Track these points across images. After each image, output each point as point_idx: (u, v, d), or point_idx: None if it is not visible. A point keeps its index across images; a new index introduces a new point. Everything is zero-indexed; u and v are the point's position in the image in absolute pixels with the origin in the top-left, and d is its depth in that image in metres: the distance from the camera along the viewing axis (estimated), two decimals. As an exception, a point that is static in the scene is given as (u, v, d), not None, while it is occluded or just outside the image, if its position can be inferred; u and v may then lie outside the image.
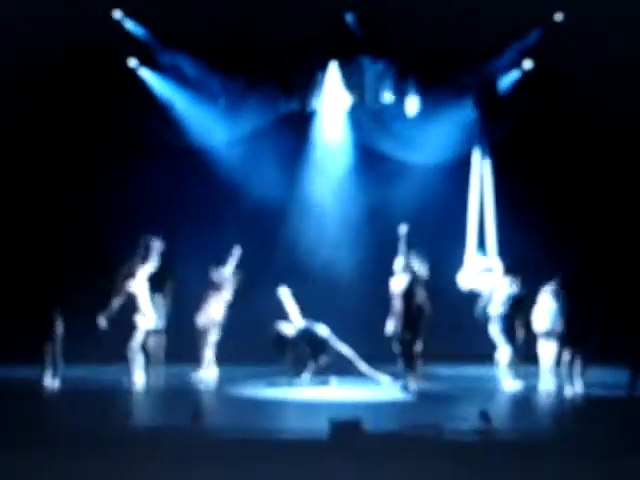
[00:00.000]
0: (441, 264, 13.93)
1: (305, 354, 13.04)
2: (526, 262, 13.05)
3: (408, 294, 12.32)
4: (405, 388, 12.18)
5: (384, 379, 12.91)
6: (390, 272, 12.61)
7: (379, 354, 13.13)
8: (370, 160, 15.82)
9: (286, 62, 15.07)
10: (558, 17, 14.57)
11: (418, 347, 13.03)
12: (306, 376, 12.84)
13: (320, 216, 15.89)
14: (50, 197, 15.64)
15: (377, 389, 12.38)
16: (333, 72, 15.39)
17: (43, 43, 13.79)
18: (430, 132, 15.32)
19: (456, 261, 14.01)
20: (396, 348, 12.47)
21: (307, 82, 15.39)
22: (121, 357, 12.98)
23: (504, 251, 13.98)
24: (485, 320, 13.09)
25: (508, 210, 14.35)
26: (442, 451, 8.36)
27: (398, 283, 12.45)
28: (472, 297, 13.51)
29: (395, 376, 12.65)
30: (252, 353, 13.83)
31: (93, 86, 15.00)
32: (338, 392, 12.09)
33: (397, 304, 12.40)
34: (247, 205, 15.50)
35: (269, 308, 14.50)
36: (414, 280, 12.39)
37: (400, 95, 15.29)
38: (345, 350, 13.15)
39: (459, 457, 8.10)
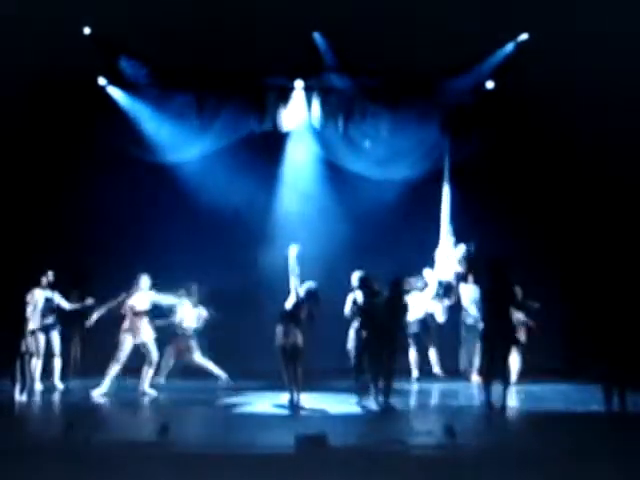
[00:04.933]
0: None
1: None
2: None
3: (365, 310, 12.00)
4: (359, 403, 11.99)
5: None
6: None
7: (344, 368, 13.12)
8: (339, 177, 15.98)
9: (257, 81, 15.21)
10: (522, 37, 14.83)
11: (378, 363, 13.09)
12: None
13: (290, 231, 15.95)
14: (19, 211, 15.63)
15: (343, 403, 12.34)
16: (302, 91, 15.53)
17: (11, 61, 13.83)
18: (397, 150, 15.49)
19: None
20: (353, 363, 12.32)
21: (278, 101, 15.51)
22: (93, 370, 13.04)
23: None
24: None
25: (474, 226, 14.50)
26: (407, 466, 8.41)
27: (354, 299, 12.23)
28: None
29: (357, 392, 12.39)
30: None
31: (62, 104, 15.04)
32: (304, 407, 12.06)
33: (353, 320, 12.23)
34: (214, 221, 15.55)
35: (239, 322, 14.61)
36: (372, 297, 12.06)
37: (368, 114, 15.45)
38: None
39: (424, 472, 8.16)
